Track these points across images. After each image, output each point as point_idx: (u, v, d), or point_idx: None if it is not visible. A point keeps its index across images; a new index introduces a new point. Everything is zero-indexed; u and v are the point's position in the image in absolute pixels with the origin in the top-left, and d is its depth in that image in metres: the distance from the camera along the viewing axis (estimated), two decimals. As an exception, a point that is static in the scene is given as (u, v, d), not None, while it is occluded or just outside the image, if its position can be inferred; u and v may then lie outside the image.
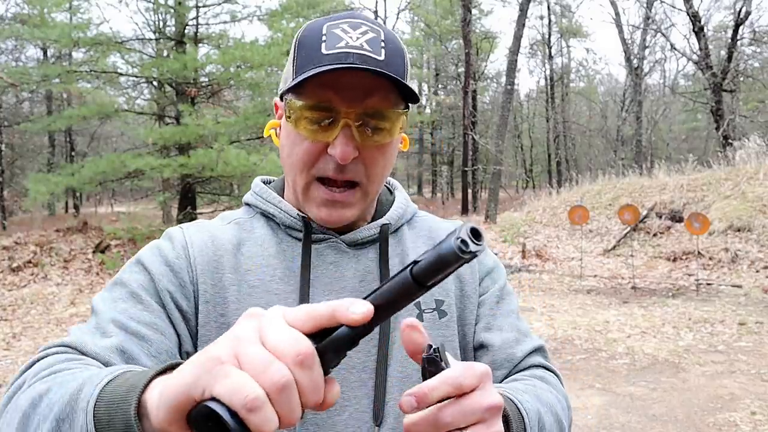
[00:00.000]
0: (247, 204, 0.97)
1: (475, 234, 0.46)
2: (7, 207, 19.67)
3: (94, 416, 0.55)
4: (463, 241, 0.46)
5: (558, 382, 0.94)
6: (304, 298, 0.85)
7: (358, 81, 0.80)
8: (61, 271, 10.77)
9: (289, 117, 0.83)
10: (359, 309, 0.49)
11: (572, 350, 6.40)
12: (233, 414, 0.44)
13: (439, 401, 0.56)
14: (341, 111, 0.80)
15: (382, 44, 0.82)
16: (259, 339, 0.47)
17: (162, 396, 0.49)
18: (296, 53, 0.84)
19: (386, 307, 0.50)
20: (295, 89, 0.82)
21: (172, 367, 0.56)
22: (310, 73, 0.78)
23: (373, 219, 0.95)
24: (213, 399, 0.45)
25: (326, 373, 0.49)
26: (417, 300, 0.88)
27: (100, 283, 10.39)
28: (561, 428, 0.85)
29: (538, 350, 0.97)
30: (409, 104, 0.88)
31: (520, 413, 0.74)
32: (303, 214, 0.90)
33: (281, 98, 0.89)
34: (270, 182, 1.02)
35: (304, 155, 0.83)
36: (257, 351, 0.46)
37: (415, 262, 0.49)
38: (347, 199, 0.85)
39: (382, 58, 0.81)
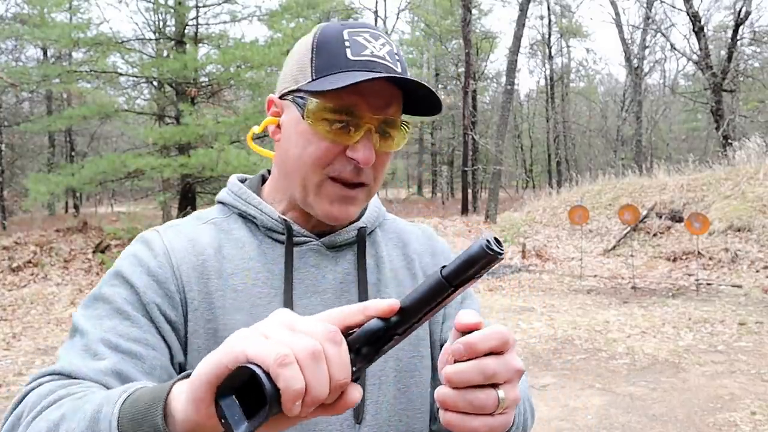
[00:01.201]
0: (222, 203, 0.96)
1: (498, 242, 0.53)
2: (7, 207, 19.66)
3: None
4: (489, 242, 0.52)
5: (524, 379, 1.00)
6: (287, 300, 0.86)
7: (382, 90, 0.83)
8: (61, 271, 10.77)
9: (307, 116, 0.83)
10: (385, 302, 0.53)
11: (572, 350, 6.40)
12: (265, 374, 0.46)
13: (485, 354, 0.59)
14: (365, 116, 0.82)
15: (397, 57, 0.87)
16: (288, 328, 0.50)
17: (194, 378, 0.50)
18: (314, 54, 0.85)
19: (418, 304, 0.54)
20: (325, 90, 0.82)
21: (188, 376, 0.57)
22: (355, 79, 0.78)
23: (350, 222, 0.95)
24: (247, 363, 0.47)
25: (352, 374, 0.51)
26: None
27: (100, 283, 10.39)
28: (532, 413, 0.91)
29: None
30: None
31: None
32: (284, 217, 0.90)
33: (282, 96, 0.89)
34: (244, 180, 1.00)
35: (321, 154, 0.84)
36: (286, 332, 0.49)
37: (444, 266, 0.54)
38: (357, 195, 0.87)
39: (399, 70, 0.85)
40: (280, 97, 0.90)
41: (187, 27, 12.97)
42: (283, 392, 0.46)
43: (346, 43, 0.84)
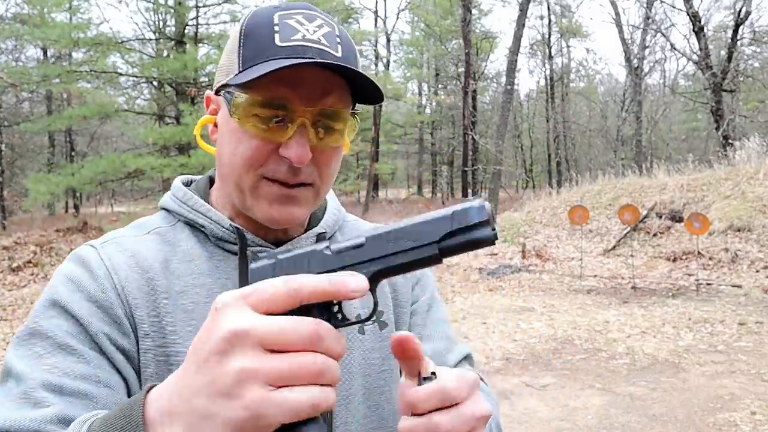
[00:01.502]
0: (167, 210, 0.86)
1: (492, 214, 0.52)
2: (7, 207, 19.68)
3: None
4: (496, 231, 0.51)
5: (488, 391, 0.94)
6: None
7: (316, 78, 0.74)
8: (61, 271, 10.78)
9: (234, 113, 0.75)
10: (357, 287, 0.51)
11: (572, 350, 6.40)
12: (309, 421, 0.48)
13: (431, 411, 0.57)
14: (297, 110, 0.73)
15: (338, 40, 0.77)
16: (264, 350, 0.47)
17: None
18: (242, 42, 0.76)
19: (400, 268, 0.54)
20: (244, 82, 0.74)
21: (149, 390, 0.53)
22: (272, 67, 0.70)
23: (308, 226, 0.88)
24: (283, 428, 0.47)
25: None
26: (357, 312, 0.84)
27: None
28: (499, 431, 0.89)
29: (467, 358, 0.97)
30: (357, 105, 0.83)
31: None
32: (236, 225, 0.81)
33: (217, 92, 0.81)
34: (191, 182, 0.91)
35: (252, 154, 0.75)
36: (275, 365, 0.46)
37: (442, 238, 0.52)
38: (301, 195, 0.78)
39: (339, 54, 0.76)
40: (216, 93, 0.82)
41: (187, 27, 13.00)
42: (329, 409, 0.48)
43: (276, 28, 0.75)
